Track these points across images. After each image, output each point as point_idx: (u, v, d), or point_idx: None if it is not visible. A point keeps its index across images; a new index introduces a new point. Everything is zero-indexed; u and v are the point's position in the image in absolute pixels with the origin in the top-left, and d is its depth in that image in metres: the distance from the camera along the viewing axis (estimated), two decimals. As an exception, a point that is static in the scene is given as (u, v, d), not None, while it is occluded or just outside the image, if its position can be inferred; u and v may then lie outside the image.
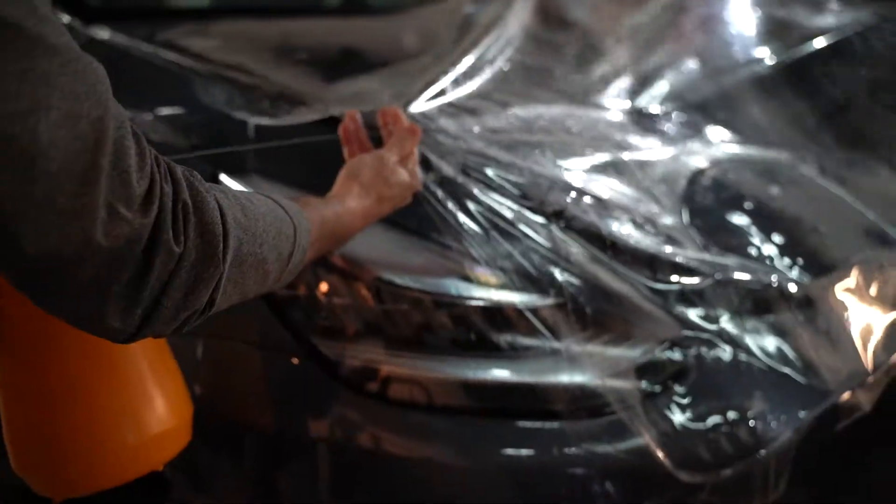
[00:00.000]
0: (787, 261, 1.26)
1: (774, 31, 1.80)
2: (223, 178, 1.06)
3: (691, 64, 1.76)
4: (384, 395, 0.94)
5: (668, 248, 1.13)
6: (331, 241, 0.83)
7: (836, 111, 1.55)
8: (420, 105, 1.07)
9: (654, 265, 1.10)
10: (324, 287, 0.98)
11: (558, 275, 1.02)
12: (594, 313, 1.03)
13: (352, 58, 1.51)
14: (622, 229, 1.10)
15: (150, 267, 0.56)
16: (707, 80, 1.70)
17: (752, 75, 1.60)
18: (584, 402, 0.98)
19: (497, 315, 0.98)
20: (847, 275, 1.30)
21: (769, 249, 1.29)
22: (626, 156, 1.30)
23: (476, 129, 1.07)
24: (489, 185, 1.01)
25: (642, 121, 1.43)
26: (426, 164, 0.98)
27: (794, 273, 1.24)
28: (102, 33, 1.38)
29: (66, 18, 1.41)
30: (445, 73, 1.13)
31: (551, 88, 1.42)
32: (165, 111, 1.19)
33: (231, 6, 1.86)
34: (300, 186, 1.02)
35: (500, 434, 0.97)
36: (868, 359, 1.22)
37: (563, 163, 1.17)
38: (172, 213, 0.57)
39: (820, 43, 1.68)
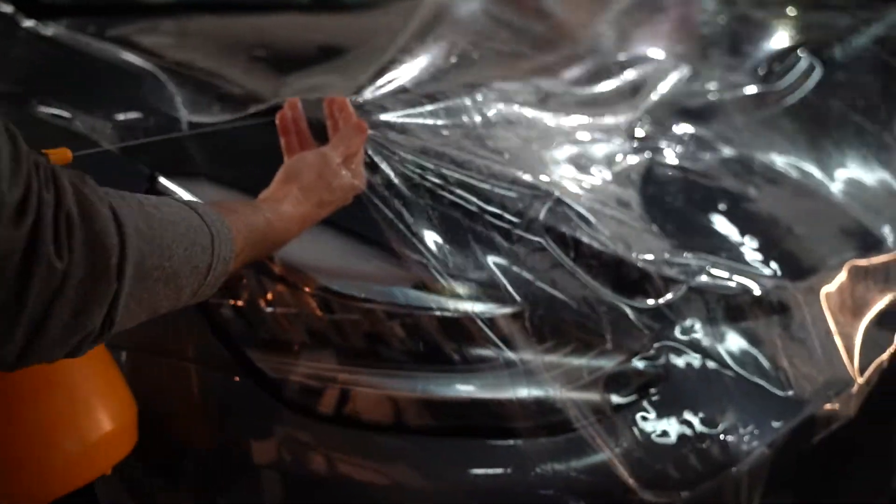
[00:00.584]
0: (762, 264, 1.21)
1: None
2: (162, 180, 1.00)
3: (665, 62, 1.71)
4: (331, 415, 0.88)
5: (636, 253, 1.07)
6: (261, 250, 0.77)
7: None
8: (372, 94, 1.00)
9: (621, 271, 1.05)
10: (265, 297, 0.91)
11: (517, 282, 0.96)
12: (555, 323, 0.97)
13: (313, 55, 1.45)
14: (587, 233, 1.04)
15: (27, 286, 0.50)
16: (684, 81, 1.65)
17: (729, 79, 1.55)
18: (544, 419, 0.92)
19: (451, 326, 0.92)
20: (828, 278, 1.25)
21: (744, 252, 1.23)
22: (591, 154, 1.24)
23: (432, 122, 1.01)
24: (443, 187, 0.95)
25: (611, 117, 1.37)
26: (373, 165, 0.92)
27: (770, 277, 1.19)
28: (48, 29, 1.32)
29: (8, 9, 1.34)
30: (400, 60, 1.07)
31: (520, 76, 1.36)
32: (108, 110, 1.12)
33: (196, 2, 1.79)
34: (244, 187, 0.96)
35: (455, 454, 0.91)
36: (852, 366, 1.17)
37: (524, 161, 1.11)
38: (54, 223, 0.51)
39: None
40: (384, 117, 0.98)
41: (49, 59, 1.27)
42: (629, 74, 1.59)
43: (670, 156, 1.42)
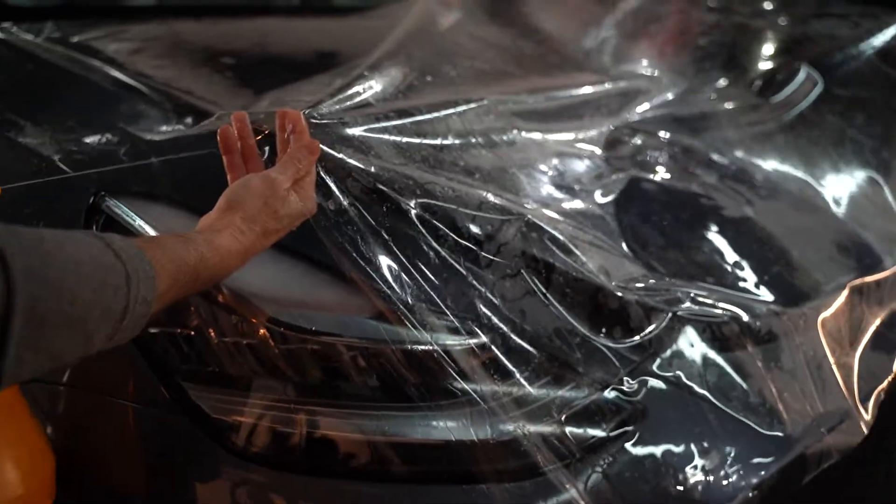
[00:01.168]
0: (754, 288, 1.14)
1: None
2: (110, 202, 0.93)
3: (658, 75, 1.65)
4: (273, 458, 0.82)
5: (616, 281, 1.00)
6: (193, 286, 0.71)
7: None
8: (332, 108, 0.94)
9: (599, 300, 0.98)
10: (208, 327, 0.85)
11: (483, 311, 0.90)
12: (524, 356, 0.90)
13: (286, 63, 1.39)
14: (562, 258, 0.97)
15: None
16: (678, 94, 1.59)
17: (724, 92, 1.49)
18: (509, 462, 0.86)
19: (409, 361, 0.85)
20: (822, 304, 1.18)
21: (734, 276, 1.17)
22: (572, 173, 1.18)
23: (398, 139, 0.95)
24: (402, 209, 0.88)
25: (596, 131, 1.31)
26: (326, 187, 0.85)
27: (761, 303, 1.12)
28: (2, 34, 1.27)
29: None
30: (369, 75, 1.01)
31: (501, 93, 1.30)
32: (59, 123, 1.07)
33: (174, 6, 1.74)
34: (196, 209, 0.90)
35: (413, 500, 0.84)
36: (852, 398, 1.10)
37: (498, 181, 1.05)
38: None
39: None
40: (347, 132, 0.92)
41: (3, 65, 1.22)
42: (618, 89, 1.53)
43: (658, 172, 1.35)
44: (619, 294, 0.99)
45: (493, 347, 0.89)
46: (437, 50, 1.26)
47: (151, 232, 0.90)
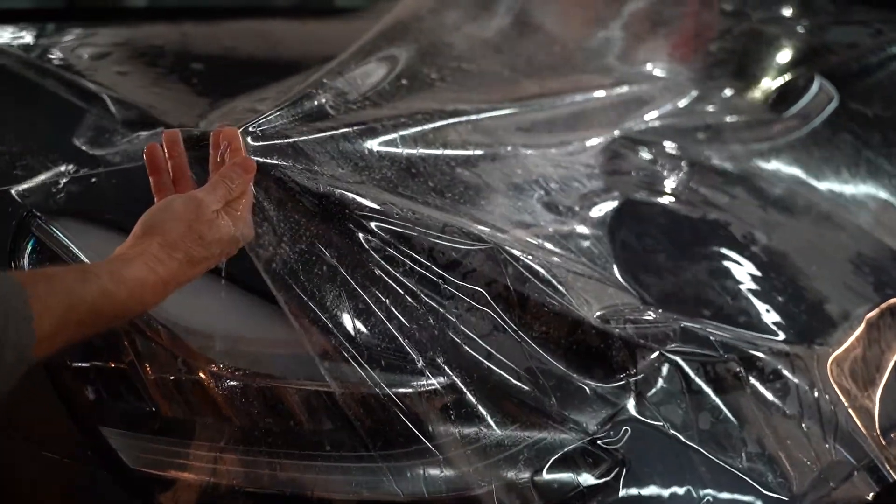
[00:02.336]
0: (754, 323, 1.03)
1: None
2: (40, 222, 0.85)
3: (667, 80, 1.55)
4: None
5: (599, 313, 0.90)
6: (95, 325, 0.62)
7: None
8: (279, 122, 0.85)
9: (578, 335, 0.88)
10: (128, 363, 0.76)
11: (446, 350, 0.80)
12: (491, 400, 0.81)
13: (260, 68, 1.30)
14: (537, 286, 0.87)
15: None
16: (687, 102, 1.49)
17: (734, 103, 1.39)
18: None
19: (358, 406, 0.76)
20: (835, 339, 1.07)
21: (735, 306, 1.06)
22: (561, 190, 1.08)
23: (350, 155, 0.85)
24: (352, 233, 0.79)
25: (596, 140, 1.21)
26: (263, 212, 0.76)
27: (764, 339, 1.01)
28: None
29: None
30: (323, 83, 0.92)
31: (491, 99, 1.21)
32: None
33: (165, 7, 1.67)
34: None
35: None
36: (876, 444, 0.98)
37: (473, 202, 0.95)
38: None
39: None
40: (292, 149, 0.83)
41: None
42: (620, 95, 1.44)
43: (659, 190, 1.25)
44: (602, 329, 0.89)
45: (454, 390, 0.79)
46: (419, 48, 1.16)
47: (83, 257, 0.82)
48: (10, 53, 1.19)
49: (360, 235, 0.79)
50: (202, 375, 0.77)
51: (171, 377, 0.77)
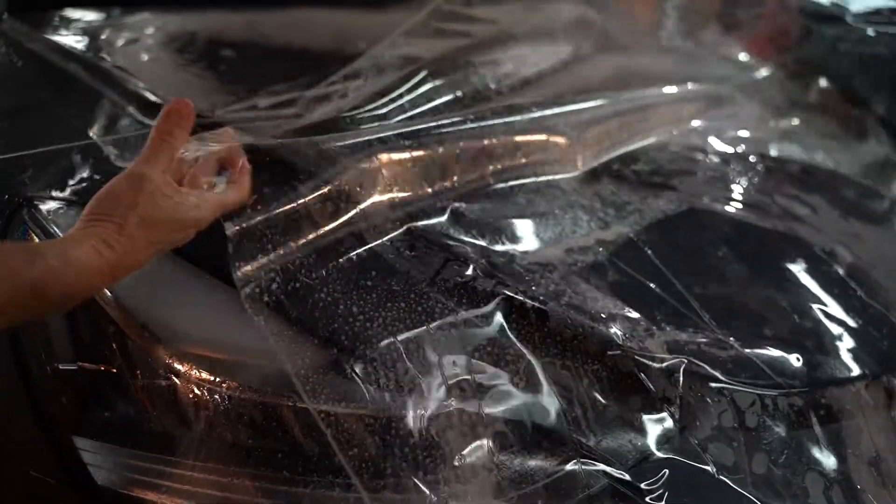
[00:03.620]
0: (830, 350, 0.90)
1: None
2: (34, 210, 0.80)
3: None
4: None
5: (627, 330, 0.79)
6: (41, 307, 0.59)
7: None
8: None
9: (605, 353, 0.77)
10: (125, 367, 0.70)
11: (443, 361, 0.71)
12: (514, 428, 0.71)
13: (293, 58, 1.23)
14: (551, 298, 0.77)
15: None
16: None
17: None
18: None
19: (357, 427, 0.68)
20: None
21: (800, 329, 0.92)
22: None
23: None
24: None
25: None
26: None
27: (836, 370, 0.87)
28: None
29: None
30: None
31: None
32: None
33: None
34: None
35: None
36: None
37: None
38: None
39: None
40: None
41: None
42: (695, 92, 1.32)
43: (725, 193, 1.13)
44: (639, 350, 0.77)
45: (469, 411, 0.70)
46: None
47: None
48: (39, 39, 1.16)
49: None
50: (189, 385, 0.70)
51: (157, 383, 0.71)
